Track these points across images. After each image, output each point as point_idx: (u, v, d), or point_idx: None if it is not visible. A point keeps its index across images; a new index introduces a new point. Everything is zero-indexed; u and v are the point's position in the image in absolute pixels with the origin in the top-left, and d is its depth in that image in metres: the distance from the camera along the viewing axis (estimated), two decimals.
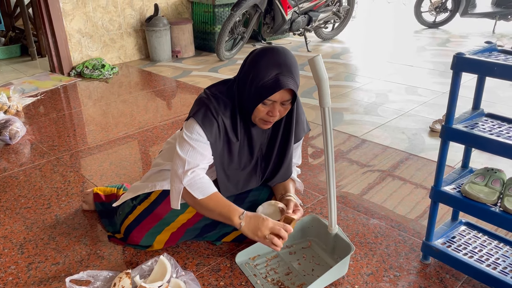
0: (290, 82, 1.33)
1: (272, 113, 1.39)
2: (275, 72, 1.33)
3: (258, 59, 1.37)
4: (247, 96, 1.39)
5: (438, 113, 3.01)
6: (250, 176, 1.60)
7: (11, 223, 1.86)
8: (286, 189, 1.64)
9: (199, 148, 1.41)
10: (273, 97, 1.35)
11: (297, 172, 1.76)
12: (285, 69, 1.34)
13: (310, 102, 3.30)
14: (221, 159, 1.49)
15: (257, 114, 1.40)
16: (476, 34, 5.63)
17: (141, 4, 4.50)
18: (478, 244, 1.56)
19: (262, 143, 1.56)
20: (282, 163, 1.59)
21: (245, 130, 1.49)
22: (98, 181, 2.20)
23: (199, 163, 1.41)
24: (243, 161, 1.55)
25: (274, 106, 1.38)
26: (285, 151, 1.57)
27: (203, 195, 1.40)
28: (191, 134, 1.41)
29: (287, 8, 4.48)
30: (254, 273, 1.54)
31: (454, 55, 1.30)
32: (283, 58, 1.36)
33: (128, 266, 1.59)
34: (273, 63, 1.34)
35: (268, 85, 1.33)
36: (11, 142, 2.63)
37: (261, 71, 1.34)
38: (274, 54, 1.36)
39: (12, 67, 4.43)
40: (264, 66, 1.34)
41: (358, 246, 1.70)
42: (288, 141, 1.56)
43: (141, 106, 3.29)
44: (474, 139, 1.35)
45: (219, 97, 1.45)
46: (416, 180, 2.18)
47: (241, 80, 1.42)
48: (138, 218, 1.60)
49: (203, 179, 1.42)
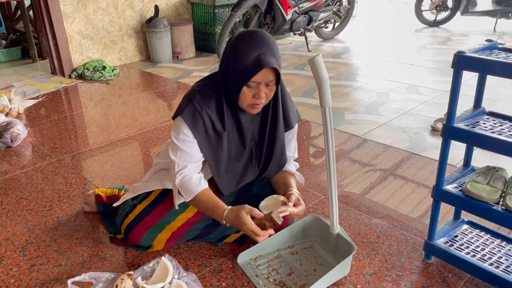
0: (272, 60, 1.35)
1: (258, 95, 1.40)
2: (256, 53, 1.35)
3: (237, 43, 1.39)
4: (232, 82, 1.41)
5: (440, 112, 3.00)
6: (246, 168, 1.60)
7: (13, 226, 1.87)
8: (288, 185, 1.63)
9: (186, 148, 1.45)
10: (257, 78, 1.36)
11: (296, 167, 1.75)
12: (265, 48, 1.36)
13: (311, 102, 3.30)
14: (212, 153, 1.50)
15: (244, 98, 1.42)
16: (477, 32, 5.62)
17: (141, 6, 4.50)
18: (480, 243, 1.56)
19: (253, 131, 1.56)
20: (273, 149, 1.59)
21: (234, 118, 1.51)
22: (100, 183, 2.20)
23: (187, 164, 1.46)
24: (236, 152, 1.56)
25: (259, 88, 1.39)
26: (275, 135, 1.57)
27: (190, 197, 1.47)
28: (178, 134, 1.45)
29: (287, 8, 4.47)
30: (256, 274, 1.54)
31: (455, 53, 1.29)
32: (262, 39, 1.38)
33: (130, 268, 1.59)
34: (253, 45, 1.36)
35: (250, 66, 1.35)
36: (12, 144, 2.63)
37: (242, 54, 1.36)
38: (252, 36, 1.38)
39: (13, 70, 4.44)
40: (244, 48, 1.36)
41: (360, 245, 1.69)
42: (277, 124, 1.56)
43: (142, 107, 3.29)
44: (476, 137, 1.34)
45: (204, 91, 1.47)
46: (418, 179, 2.18)
47: (224, 68, 1.44)
48: (138, 216, 1.60)
49: (191, 180, 1.46)
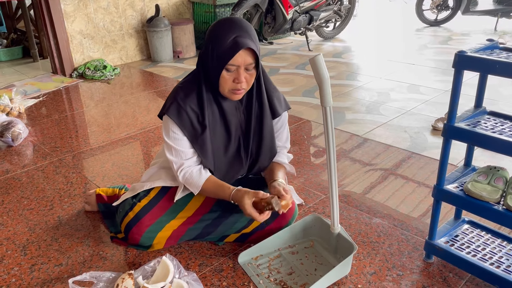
0: (249, 42, 1.37)
1: (238, 79, 1.41)
2: (233, 36, 1.37)
3: (214, 30, 1.42)
4: (211, 67, 1.42)
5: (440, 111, 3.00)
6: (234, 158, 1.60)
7: (14, 225, 1.87)
8: (273, 175, 1.62)
9: (178, 146, 1.51)
10: (235, 60, 1.37)
11: (289, 158, 1.74)
12: (242, 31, 1.38)
13: (312, 101, 3.30)
14: (201, 146, 1.51)
15: (224, 83, 1.43)
16: (478, 32, 5.61)
17: (142, 5, 4.50)
18: (481, 243, 1.56)
19: (239, 121, 1.57)
20: (262, 138, 1.59)
21: (217, 106, 1.52)
22: (101, 182, 2.20)
23: (183, 161, 1.52)
24: (223, 142, 1.56)
25: (238, 72, 1.40)
26: (262, 123, 1.57)
27: (197, 189, 1.53)
28: (168, 133, 1.50)
29: (288, 7, 4.47)
30: (257, 273, 1.54)
31: (456, 53, 1.29)
32: (238, 23, 1.40)
33: (131, 267, 1.59)
34: (228, 29, 1.38)
35: (227, 48, 1.36)
36: (13, 144, 2.63)
37: (219, 39, 1.38)
38: (228, 21, 1.41)
39: (14, 69, 4.45)
40: (221, 33, 1.38)
41: (360, 245, 1.69)
42: (263, 112, 1.56)
43: (143, 106, 3.29)
44: (477, 137, 1.34)
45: (186, 86, 1.50)
46: (419, 179, 2.18)
47: (203, 56, 1.47)
48: (138, 215, 1.59)
49: (192, 174, 1.52)
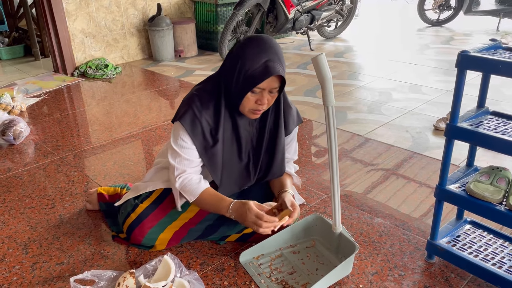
0: (279, 68, 1.36)
1: (260, 101, 1.40)
2: (264, 59, 1.35)
3: (244, 48, 1.39)
4: (235, 86, 1.40)
5: (442, 111, 3.00)
6: (243, 171, 1.60)
7: (16, 223, 1.87)
8: (282, 185, 1.63)
9: (185, 155, 1.48)
10: (262, 84, 1.36)
11: (295, 169, 1.75)
12: (272, 55, 1.36)
13: (314, 101, 3.30)
14: (210, 157, 1.50)
15: (246, 103, 1.42)
16: (480, 32, 5.60)
17: (143, 4, 4.50)
18: (483, 243, 1.56)
19: (251, 136, 1.56)
20: (274, 156, 1.59)
21: (231, 122, 1.51)
22: (102, 181, 2.20)
23: (186, 169, 1.49)
24: (233, 154, 1.55)
25: (262, 94, 1.40)
26: (275, 143, 1.57)
27: (194, 197, 1.50)
28: (176, 140, 1.47)
29: (290, 7, 4.47)
30: (258, 273, 1.54)
31: (459, 53, 1.29)
32: (269, 45, 1.38)
33: (132, 266, 1.59)
34: (260, 51, 1.36)
35: (257, 72, 1.35)
36: (15, 142, 2.63)
37: (249, 59, 1.36)
38: (260, 42, 1.38)
39: (16, 68, 4.45)
40: (251, 54, 1.36)
41: (362, 245, 1.69)
42: (278, 132, 1.56)
43: (144, 105, 3.29)
44: (479, 137, 1.34)
45: (202, 94, 1.47)
46: (420, 179, 2.17)
47: (227, 72, 1.43)
48: (140, 216, 1.60)
49: (191, 181, 1.50)
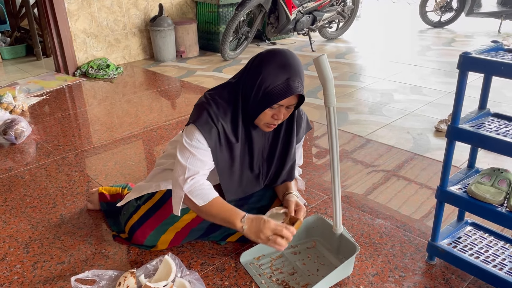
0: (299, 87, 1.34)
1: (277, 116, 1.39)
2: (285, 77, 1.33)
3: (265, 62, 1.36)
4: (254, 100, 1.38)
5: (443, 113, 2.99)
6: (252, 179, 1.59)
7: (17, 222, 1.87)
8: (287, 188, 1.63)
9: (199, 155, 1.41)
10: (282, 101, 1.35)
11: (299, 172, 1.75)
12: (294, 73, 1.34)
13: (315, 101, 3.30)
14: (222, 163, 1.48)
15: (263, 118, 1.40)
16: (482, 33, 5.60)
17: (145, 4, 4.51)
18: (484, 245, 1.55)
19: (263, 145, 1.55)
20: (284, 165, 1.59)
21: (246, 133, 1.49)
22: (103, 181, 2.20)
23: (199, 170, 1.42)
24: (245, 164, 1.55)
25: (280, 110, 1.38)
26: (287, 153, 1.57)
27: (204, 202, 1.42)
28: (191, 141, 1.41)
29: (291, 7, 4.47)
30: (259, 273, 1.54)
31: (461, 54, 1.29)
32: (291, 61, 1.35)
33: (133, 266, 1.59)
34: (282, 67, 1.34)
35: (278, 90, 1.33)
36: (16, 141, 2.64)
37: (270, 75, 1.34)
38: (282, 57, 1.35)
39: (18, 67, 4.46)
40: (272, 70, 1.34)
41: (363, 246, 1.69)
42: (290, 142, 1.56)
43: (146, 106, 3.30)
44: (481, 139, 1.34)
45: (219, 101, 1.43)
46: (421, 180, 2.17)
47: (246, 84, 1.41)
48: (142, 218, 1.60)
49: (203, 185, 1.43)
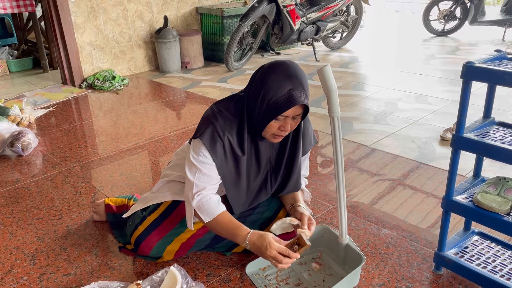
0: (303, 97, 1.34)
1: (284, 128, 1.39)
2: (288, 88, 1.34)
3: (268, 74, 1.37)
4: (258, 113, 1.39)
5: (449, 121, 2.99)
6: (260, 190, 1.60)
7: (23, 234, 1.88)
8: (295, 199, 1.64)
9: (206, 170, 1.43)
10: (287, 112, 1.35)
11: (305, 183, 1.76)
12: (297, 83, 1.35)
13: (319, 111, 3.30)
14: (229, 177, 1.49)
15: (269, 129, 1.41)
16: (486, 42, 5.60)
17: (150, 16, 4.56)
18: (491, 254, 1.54)
19: (270, 156, 1.56)
20: (290, 175, 1.59)
21: (253, 145, 1.50)
22: (109, 192, 2.21)
23: (206, 185, 1.45)
24: (252, 176, 1.55)
25: (286, 121, 1.39)
26: (293, 163, 1.57)
27: (210, 218, 1.45)
28: (197, 156, 1.43)
29: (295, 18, 4.50)
30: (265, 284, 1.53)
31: (464, 64, 1.30)
32: (293, 72, 1.36)
33: (139, 277, 1.59)
34: (284, 78, 1.34)
35: (281, 101, 1.34)
36: (23, 153, 2.66)
37: (273, 87, 1.34)
38: (284, 68, 1.36)
39: (25, 80, 4.51)
40: (275, 81, 1.34)
41: (369, 256, 1.68)
42: (296, 153, 1.56)
43: (151, 117, 3.32)
44: (486, 148, 1.33)
45: (225, 114, 1.45)
46: (427, 189, 2.16)
47: (251, 97, 1.42)
48: (148, 228, 1.60)
49: (210, 201, 1.45)
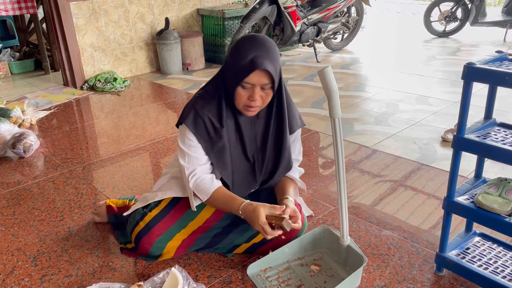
0: (266, 63, 1.37)
1: (252, 98, 1.42)
2: (252, 55, 1.38)
3: (236, 45, 1.44)
4: (229, 82, 1.45)
5: (450, 122, 2.99)
6: (249, 170, 1.61)
7: (25, 236, 1.89)
8: (284, 192, 1.61)
9: (193, 153, 1.52)
10: (251, 79, 1.39)
11: (300, 173, 1.74)
12: (262, 52, 1.39)
13: (320, 112, 3.31)
14: (216, 154, 1.53)
15: (239, 99, 1.44)
16: (487, 43, 5.60)
17: (152, 18, 4.57)
18: (493, 255, 1.54)
19: (255, 133, 1.58)
20: (281, 156, 1.60)
21: (234, 120, 1.54)
22: (110, 193, 2.22)
23: (196, 167, 1.52)
24: (238, 152, 1.57)
25: (254, 90, 1.41)
26: (282, 142, 1.59)
27: (206, 196, 1.52)
28: (183, 140, 1.52)
29: (296, 19, 4.50)
30: (266, 285, 1.53)
31: (465, 65, 1.30)
32: (260, 42, 1.41)
33: (140, 278, 1.59)
34: (249, 47, 1.40)
35: (244, 66, 1.38)
36: (25, 155, 2.67)
37: (239, 55, 1.40)
38: (252, 39, 1.42)
39: (26, 81, 4.52)
40: (242, 50, 1.40)
41: (370, 257, 1.68)
42: (282, 131, 1.58)
43: (152, 118, 3.32)
44: (487, 149, 1.33)
45: (204, 95, 1.53)
46: (428, 191, 2.16)
47: (224, 69, 1.50)
48: (148, 224, 1.60)
49: (204, 180, 1.52)
